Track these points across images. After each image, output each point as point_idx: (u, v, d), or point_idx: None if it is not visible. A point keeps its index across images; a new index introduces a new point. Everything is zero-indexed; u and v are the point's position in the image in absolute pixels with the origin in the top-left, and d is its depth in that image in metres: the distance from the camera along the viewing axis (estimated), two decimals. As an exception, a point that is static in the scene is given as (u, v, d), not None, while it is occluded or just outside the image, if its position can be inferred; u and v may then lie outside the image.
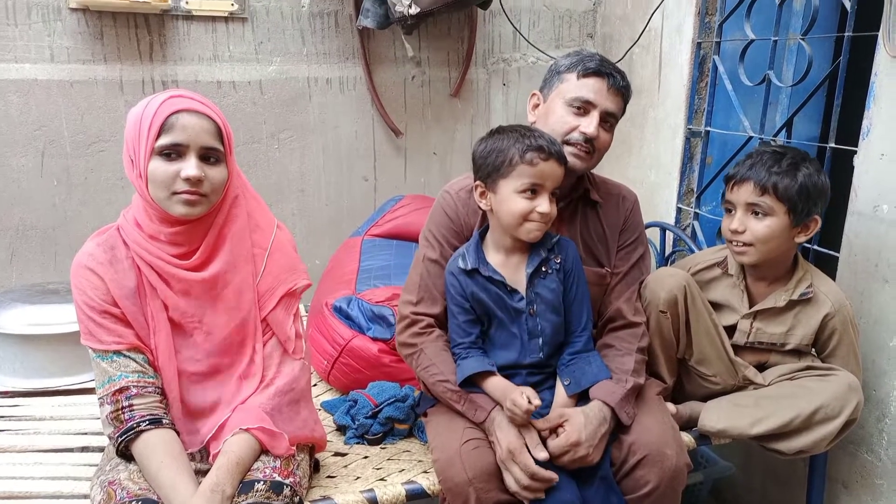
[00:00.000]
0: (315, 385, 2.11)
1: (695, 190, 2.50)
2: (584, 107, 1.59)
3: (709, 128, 2.42)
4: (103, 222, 1.50)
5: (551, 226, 1.56)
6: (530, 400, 1.42)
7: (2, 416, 1.83)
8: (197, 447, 1.43)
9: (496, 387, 1.51)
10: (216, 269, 1.41)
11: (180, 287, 1.40)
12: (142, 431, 1.34)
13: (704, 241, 2.43)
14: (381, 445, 1.78)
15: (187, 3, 2.45)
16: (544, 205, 1.47)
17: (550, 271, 1.56)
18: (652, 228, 2.42)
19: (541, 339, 1.56)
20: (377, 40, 2.73)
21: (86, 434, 1.76)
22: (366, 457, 1.72)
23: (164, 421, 1.38)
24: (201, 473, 1.35)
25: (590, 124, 1.58)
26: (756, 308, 1.74)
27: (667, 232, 2.46)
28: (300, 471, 1.43)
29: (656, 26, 2.56)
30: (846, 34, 1.84)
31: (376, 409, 1.80)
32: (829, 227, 1.71)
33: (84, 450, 1.70)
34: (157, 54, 2.47)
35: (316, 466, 1.62)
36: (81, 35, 2.38)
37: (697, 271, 1.84)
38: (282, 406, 1.45)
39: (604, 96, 1.59)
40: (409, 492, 1.51)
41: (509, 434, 1.45)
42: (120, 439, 1.35)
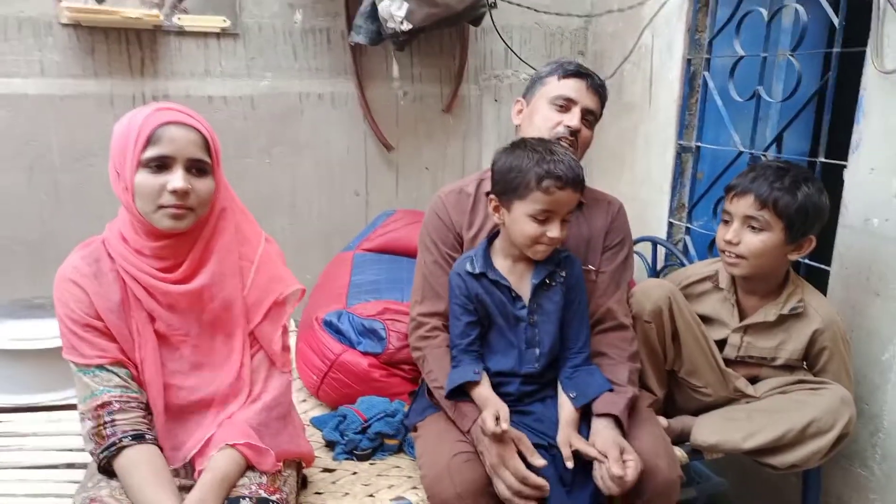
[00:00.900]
0: (304, 401, 2.09)
1: (686, 205, 2.51)
2: (566, 104, 1.72)
3: (699, 143, 2.42)
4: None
5: None
6: (499, 421, 1.40)
7: (-15, 433, 1.81)
8: (182, 462, 1.41)
9: (479, 396, 1.51)
10: (202, 281, 1.39)
11: (166, 301, 1.38)
12: (124, 447, 1.32)
13: (696, 255, 2.43)
14: (371, 461, 1.76)
15: (179, 18, 2.46)
16: (555, 230, 1.48)
17: (555, 284, 1.57)
18: (643, 243, 2.42)
19: (538, 350, 1.56)
20: (369, 56, 2.74)
21: (71, 451, 1.73)
22: (354, 472, 1.70)
23: (148, 437, 1.35)
24: (186, 489, 1.32)
25: (573, 118, 1.70)
26: (746, 322, 1.73)
27: (658, 246, 2.46)
28: (287, 487, 1.41)
29: (647, 43, 2.58)
30: (835, 50, 1.86)
31: (366, 424, 1.78)
32: (821, 241, 1.71)
33: (69, 466, 1.67)
34: (149, 69, 2.47)
35: (304, 482, 1.59)
36: (72, 50, 2.38)
37: (688, 284, 1.84)
38: (269, 421, 1.43)
39: (583, 94, 1.72)
40: (397, 508, 1.49)
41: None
42: (102, 455, 1.32)
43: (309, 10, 2.62)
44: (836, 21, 1.85)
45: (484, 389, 1.52)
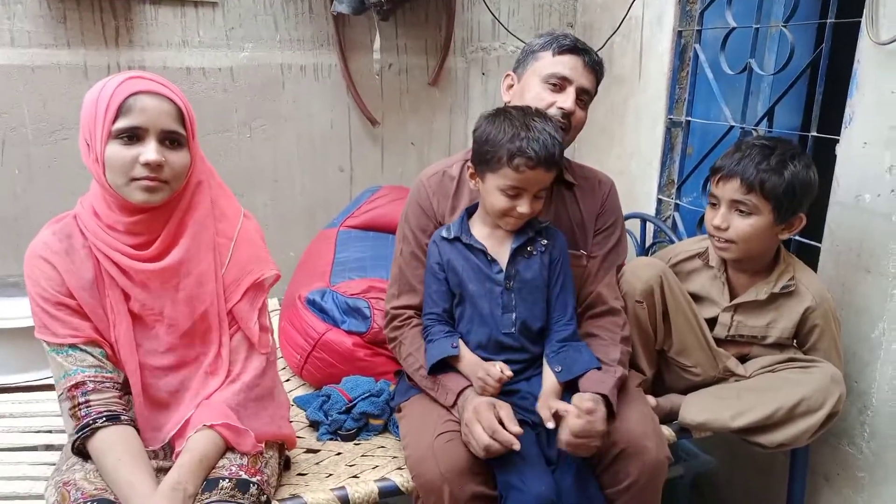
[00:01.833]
0: (287, 380, 2.05)
1: (675, 181, 2.47)
2: (561, 83, 1.61)
3: (689, 117, 2.38)
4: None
5: None
6: (503, 370, 1.42)
7: (-41, 415, 1.76)
8: (160, 444, 1.38)
9: (467, 363, 1.50)
10: (176, 257, 1.35)
11: (139, 279, 1.34)
12: (98, 428, 1.29)
13: (685, 232, 2.40)
14: (355, 441, 1.74)
15: (155, -14, 2.38)
16: (524, 206, 1.46)
17: (535, 253, 1.54)
18: (632, 220, 2.38)
19: (514, 315, 1.53)
20: (353, 27, 2.66)
21: (50, 432, 1.69)
22: (339, 453, 1.67)
23: (123, 417, 1.32)
24: (164, 471, 1.30)
25: (566, 99, 1.60)
26: (737, 301, 1.71)
27: (647, 223, 2.43)
28: (268, 469, 1.38)
29: (637, 15, 2.53)
30: (828, 21, 1.82)
31: (350, 404, 1.76)
32: (812, 218, 1.69)
33: (48, 448, 1.64)
34: (124, 39, 2.39)
35: (286, 464, 1.57)
36: (43, 18, 2.29)
37: (678, 262, 1.81)
38: (247, 402, 1.39)
39: (579, 73, 1.62)
40: (381, 489, 1.47)
41: (477, 399, 1.41)
42: (75, 436, 1.29)
43: (290, -23, 2.54)
44: (830, -10, 1.81)
45: (467, 356, 1.51)
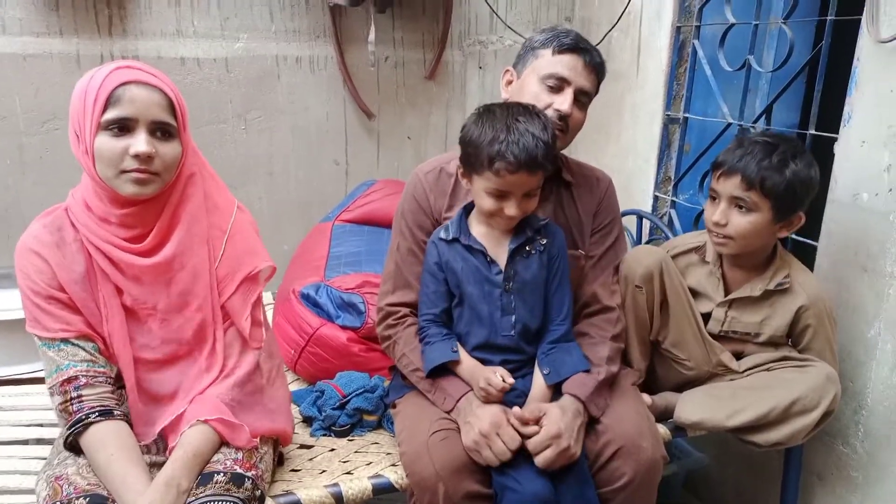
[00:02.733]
0: (281, 375, 2.04)
1: (672, 178, 2.46)
2: (559, 84, 1.56)
3: (687, 114, 2.37)
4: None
5: None
6: (504, 378, 1.41)
7: (-51, 408, 1.74)
8: (153, 438, 1.36)
9: (466, 368, 1.49)
10: (169, 252, 1.33)
11: (132, 273, 1.32)
12: (91, 423, 1.27)
13: (681, 229, 2.39)
14: (349, 437, 1.72)
15: (149, -26, 2.35)
16: (511, 209, 1.44)
17: (534, 252, 1.52)
18: (628, 216, 2.38)
19: (514, 317, 1.51)
20: (349, 18, 2.64)
21: (42, 426, 1.68)
22: (332, 449, 1.66)
23: (116, 412, 1.31)
24: (158, 466, 1.28)
25: (564, 101, 1.55)
26: (731, 296, 1.71)
27: (643, 220, 2.42)
28: (263, 464, 1.37)
29: (635, 9, 2.51)
30: (828, 18, 1.81)
31: (344, 399, 1.74)
32: (809, 216, 1.68)
33: (39, 442, 1.62)
34: (117, 28, 2.36)
35: (280, 460, 1.55)
36: (35, 6, 2.26)
37: (675, 255, 1.80)
38: (241, 397, 1.38)
39: (579, 73, 1.57)
40: (375, 486, 1.45)
41: (491, 408, 1.41)
42: (68, 432, 1.28)
43: (286, -32, 2.52)
44: (831, -12, 1.80)
45: (466, 361, 1.50)
